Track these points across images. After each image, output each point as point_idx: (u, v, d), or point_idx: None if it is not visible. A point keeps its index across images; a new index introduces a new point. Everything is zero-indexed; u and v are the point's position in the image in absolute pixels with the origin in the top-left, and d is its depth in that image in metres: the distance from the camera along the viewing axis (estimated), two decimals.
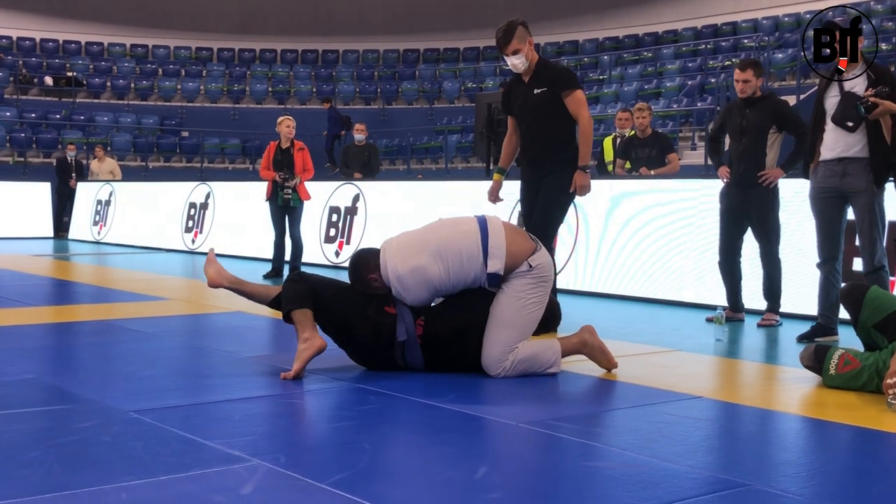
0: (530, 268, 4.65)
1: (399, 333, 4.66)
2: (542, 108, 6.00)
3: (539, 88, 6.00)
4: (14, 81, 24.00)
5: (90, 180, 17.72)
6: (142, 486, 2.86)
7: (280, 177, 9.72)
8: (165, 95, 25.66)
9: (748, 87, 6.59)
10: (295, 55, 28.47)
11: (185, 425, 3.59)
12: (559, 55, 25.96)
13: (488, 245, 4.63)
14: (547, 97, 5.98)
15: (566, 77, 6.10)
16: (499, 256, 4.62)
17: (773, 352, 5.84)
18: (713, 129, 7.20)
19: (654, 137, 9.41)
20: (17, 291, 8.39)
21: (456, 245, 4.64)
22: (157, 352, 5.48)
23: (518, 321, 4.65)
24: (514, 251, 4.66)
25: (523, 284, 4.65)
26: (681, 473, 3.09)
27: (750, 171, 6.56)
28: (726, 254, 6.76)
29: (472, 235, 4.66)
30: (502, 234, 4.67)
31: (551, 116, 6.01)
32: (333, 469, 3.08)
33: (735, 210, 6.70)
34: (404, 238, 4.85)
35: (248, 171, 22.66)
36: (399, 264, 4.63)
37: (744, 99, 6.64)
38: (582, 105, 6.00)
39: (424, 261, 4.61)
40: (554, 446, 3.52)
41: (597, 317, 7.00)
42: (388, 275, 4.66)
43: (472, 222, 4.75)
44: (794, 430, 3.92)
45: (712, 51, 21.92)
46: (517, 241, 4.73)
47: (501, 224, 4.76)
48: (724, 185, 6.78)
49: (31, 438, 3.45)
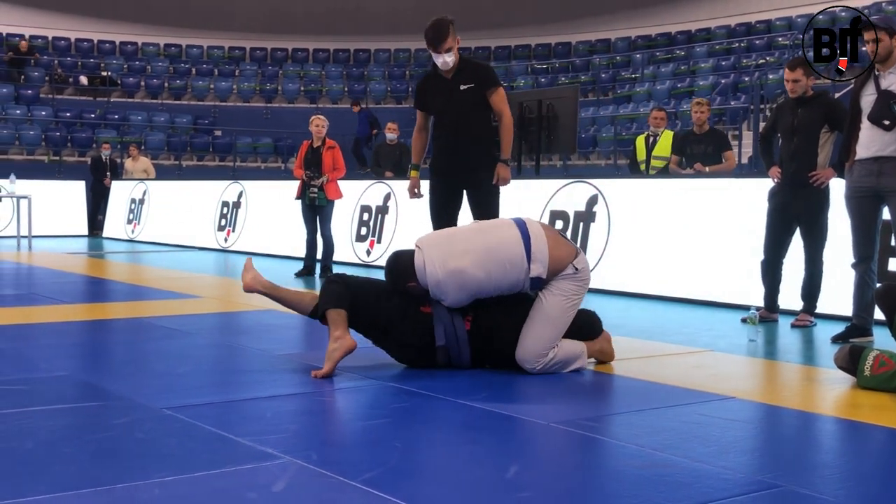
0: (576, 270, 4.74)
1: (438, 337, 4.68)
2: (471, 104, 6.09)
3: (465, 85, 6.09)
4: (49, 81, 24.23)
5: (124, 179, 17.86)
6: (174, 483, 2.88)
7: (307, 175, 9.76)
8: (198, 95, 25.81)
9: (798, 86, 6.48)
10: (327, 54, 28.55)
11: (217, 422, 3.61)
12: (591, 54, 25.87)
13: (531, 250, 4.68)
14: (474, 93, 6.08)
15: (492, 74, 6.26)
16: (542, 261, 4.67)
17: (808, 352, 5.79)
18: (765, 128, 7.10)
19: (711, 134, 9.25)
20: (52, 289, 8.47)
21: (500, 252, 4.66)
22: (190, 349, 5.52)
23: (561, 320, 4.73)
24: (557, 255, 4.72)
25: (571, 287, 4.74)
26: (713, 474, 3.07)
27: (801, 171, 6.44)
28: (772, 253, 6.67)
29: (515, 242, 4.69)
30: (544, 239, 4.73)
31: (478, 112, 6.13)
32: (365, 467, 3.09)
33: (784, 210, 6.59)
34: (443, 239, 4.87)
35: (280, 169, 22.74)
36: (439, 268, 4.64)
37: (795, 98, 6.54)
38: (505, 101, 6.19)
39: (466, 265, 4.62)
40: (585, 446, 3.51)
41: (629, 317, 6.97)
42: (427, 278, 4.67)
43: (512, 228, 4.77)
44: (827, 431, 3.89)
45: (746, 49, 21.75)
46: (559, 245, 4.78)
47: (541, 228, 4.81)
48: (774, 184, 6.67)
49: (66, 435, 3.49)
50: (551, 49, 26.91)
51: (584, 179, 9.13)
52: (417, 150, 6.45)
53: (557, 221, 8.90)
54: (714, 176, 8.55)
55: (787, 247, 6.66)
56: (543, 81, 23.84)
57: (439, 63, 6.06)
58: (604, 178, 9.53)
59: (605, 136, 19.29)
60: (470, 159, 6.13)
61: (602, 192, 8.72)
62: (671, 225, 8.17)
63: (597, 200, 8.75)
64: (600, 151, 19.58)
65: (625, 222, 8.50)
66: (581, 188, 8.96)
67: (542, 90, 15.27)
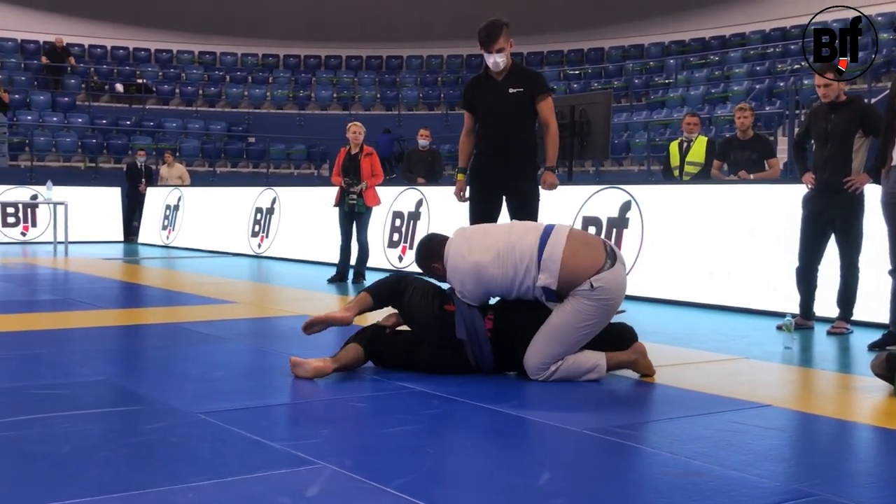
0: (592, 288, 4.51)
1: (458, 332, 4.66)
2: (519, 108, 6.09)
3: (515, 88, 6.09)
4: (86, 88, 24.49)
5: (159, 185, 18.01)
6: (208, 487, 2.90)
7: (346, 182, 9.75)
8: (233, 102, 25.99)
9: (830, 90, 6.39)
10: (359, 61, 28.66)
11: (251, 427, 3.63)
12: (624, 59, 25.78)
13: (542, 258, 4.56)
14: (521, 98, 6.08)
15: (543, 82, 6.29)
16: (550, 270, 4.53)
17: (844, 360, 5.73)
18: (799, 133, 7.02)
19: (756, 140, 9.11)
20: (88, 294, 8.56)
21: (513, 254, 4.62)
22: (224, 354, 5.55)
23: (569, 339, 4.60)
24: (573, 266, 4.53)
25: (584, 305, 4.54)
26: (748, 482, 3.04)
27: (835, 176, 6.37)
28: (807, 260, 6.60)
29: (530, 247, 4.61)
30: (560, 248, 4.56)
31: (523, 117, 6.12)
32: (397, 473, 3.09)
33: (818, 216, 6.52)
34: (474, 233, 4.89)
35: (312, 176, 22.84)
36: (460, 259, 4.68)
37: (829, 103, 6.47)
38: (553, 111, 6.21)
39: (486, 260, 4.62)
40: (618, 453, 3.49)
41: (663, 323, 6.93)
42: (448, 263, 4.73)
43: (535, 233, 4.69)
44: (864, 439, 3.84)
45: (781, 54, 21.59)
46: (581, 255, 4.57)
47: (566, 236, 4.64)
48: (808, 190, 6.60)
49: (101, 439, 3.52)
50: (584, 55, 26.85)
51: (617, 185, 9.09)
52: (465, 153, 6.41)
53: (590, 227, 8.86)
54: (755, 183, 8.46)
55: (821, 253, 6.59)
56: (576, 87, 23.79)
57: (490, 63, 6.08)
58: (637, 184, 9.49)
59: (639, 141, 19.21)
60: (511, 164, 6.12)
61: (635, 198, 8.68)
62: (705, 231, 8.12)
63: (630, 206, 8.71)
64: (633, 157, 19.50)
65: (659, 228, 8.45)
66: (614, 194, 8.93)
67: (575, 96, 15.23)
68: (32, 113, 22.23)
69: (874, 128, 6.29)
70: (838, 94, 6.42)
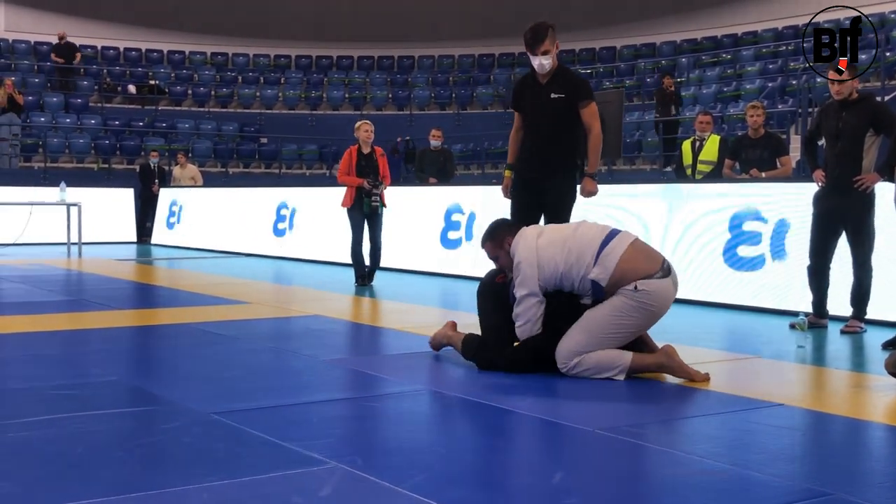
0: (635, 290, 4.64)
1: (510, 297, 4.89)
2: (558, 113, 6.11)
3: (557, 93, 6.11)
4: (98, 90, 24.55)
5: (172, 186, 18.06)
6: (222, 487, 2.91)
7: (368, 183, 9.45)
8: (245, 102, 26.03)
9: (844, 88, 6.35)
10: (371, 61, 28.67)
11: (264, 427, 3.64)
12: (636, 58, 25.72)
13: (602, 253, 4.70)
14: (564, 103, 6.09)
15: (587, 87, 6.29)
16: (605, 266, 4.67)
17: (857, 359, 5.71)
18: (809, 130, 6.99)
19: (767, 138, 9.07)
20: (102, 295, 8.59)
21: (573, 242, 4.77)
22: (237, 354, 5.57)
23: (602, 333, 4.68)
24: (626, 268, 4.67)
25: (623, 303, 4.67)
26: (762, 482, 3.04)
27: (846, 174, 6.35)
28: (818, 258, 6.58)
29: (593, 240, 4.76)
30: (621, 249, 4.71)
31: (566, 122, 6.14)
32: (410, 472, 3.10)
33: (829, 214, 6.50)
34: (547, 227, 5.15)
35: (325, 176, 22.86)
36: (525, 242, 4.85)
37: (840, 101, 6.45)
38: (596, 116, 6.19)
39: (550, 244, 4.80)
40: (632, 453, 3.49)
41: (676, 322, 6.90)
42: (513, 248, 4.88)
43: (602, 231, 4.85)
44: (878, 438, 3.83)
45: (793, 52, 21.51)
46: (636, 259, 4.73)
47: (630, 241, 4.79)
48: (819, 188, 6.57)
49: (116, 439, 3.53)
50: (595, 53, 26.79)
51: (632, 184, 9.08)
52: (513, 150, 6.44)
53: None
54: (768, 181, 8.42)
55: (833, 251, 6.56)
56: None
57: (535, 65, 6.11)
58: (649, 182, 9.46)
59: (651, 140, 19.17)
60: (547, 166, 6.16)
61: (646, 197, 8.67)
62: (718, 229, 8.09)
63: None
64: (645, 156, 19.46)
65: (674, 227, 8.43)
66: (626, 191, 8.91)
67: None
68: (46, 114, 22.30)
69: (885, 126, 6.28)
70: (851, 91, 6.39)
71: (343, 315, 7.18)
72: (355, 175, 9.53)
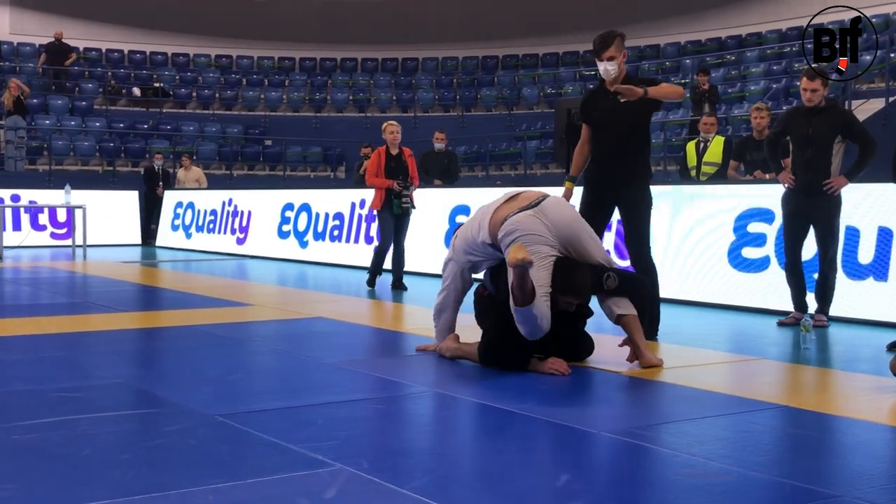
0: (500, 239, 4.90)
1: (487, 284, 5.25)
2: (624, 121, 6.09)
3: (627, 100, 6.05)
4: (103, 92, 24.58)
5: (177, 188, 18.08)
6: (228, 489, 2.92)
7: (398, 185, 9.29)
8: (249, 105, 26.06)
9: (816, 96, 6.57)
10: (375, 63, 28.68)
11: (269, 429, 3.65)
12: (640, 59, 25.70)
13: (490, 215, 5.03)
14: (632, 108, 6.04)
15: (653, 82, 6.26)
16: (483, 225, 5.03)
17: (862, 361, 5.71)
18: (774, 132, 7.13)
19: None
20: (106, 297, 8.60)
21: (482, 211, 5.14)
22: (241, 357, 5.58)
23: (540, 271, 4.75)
24: (497, 219, 4.96)
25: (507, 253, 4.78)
26: (766, 483, 3.04)
27: (816, 179, 6.56)
28: (793, 256, 6.79)
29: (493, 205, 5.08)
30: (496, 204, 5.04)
31: (635, 129, 6.14)
32: (414, 474, 3.10)
33: (799, 215, 6.72)
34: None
35: (329, 178, 22.88)
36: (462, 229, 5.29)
37: (808, 108, 6.56)
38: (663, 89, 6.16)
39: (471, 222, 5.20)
40: (636, 455, 3.49)
41: (680, 325, 6.91)
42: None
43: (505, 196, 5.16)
44: (883, 440, 3.83)
45: (797, 53, 21.49)
46: (506, 208, 4.99)
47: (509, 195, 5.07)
48: (787, 190, 6.78)
49: (122, 441, 3.54)
50: None
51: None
52: (576, 163, 6.44)
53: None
54: (772, 182, 8.41)
55: (802, 248, 6.81)
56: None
57: (601, 70, 6.13)
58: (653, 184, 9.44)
59: (655, 141, 19.14)
60: (619, 173, 6.14)
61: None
62: (720, 231, 8.09)
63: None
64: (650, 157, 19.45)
65: (676, 228, 8.43)
66: None
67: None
68: (50, 117, 22.34)
69: (857, 135, 6.55)
70: (822, 99, 6.58)
71: (346, 317, 7.19)
72: (384, 176, 9.37)
